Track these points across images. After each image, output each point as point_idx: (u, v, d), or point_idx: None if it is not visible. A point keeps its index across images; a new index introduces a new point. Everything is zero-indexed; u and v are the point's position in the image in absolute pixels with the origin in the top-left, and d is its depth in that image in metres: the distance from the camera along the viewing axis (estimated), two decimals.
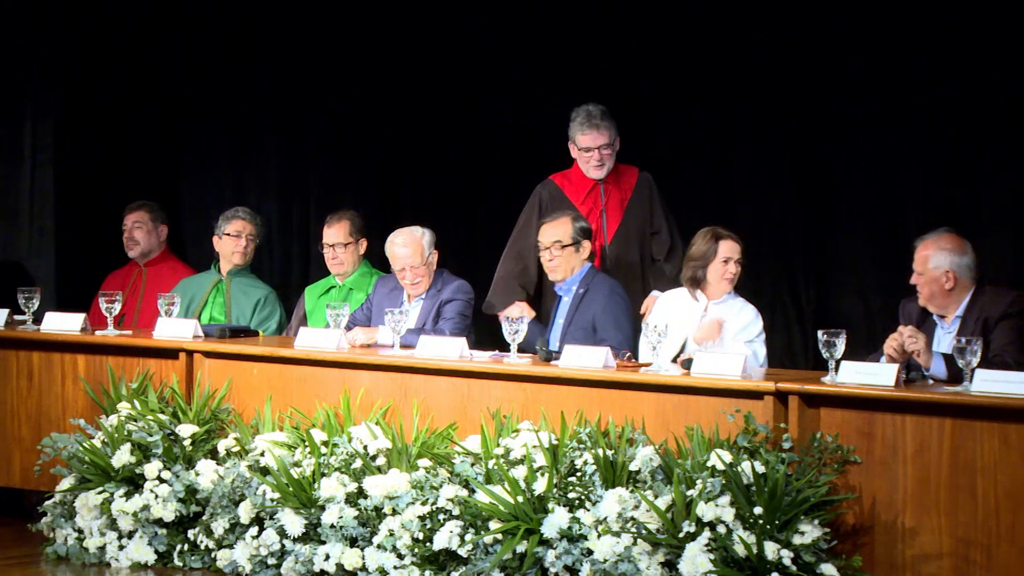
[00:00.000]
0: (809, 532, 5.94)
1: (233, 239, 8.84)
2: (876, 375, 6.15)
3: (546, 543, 6.32)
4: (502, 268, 8.24)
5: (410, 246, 8.02)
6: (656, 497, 6.18)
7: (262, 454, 7.18)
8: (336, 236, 8.53)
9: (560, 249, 7.79)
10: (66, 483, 7.54)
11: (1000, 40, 7.75)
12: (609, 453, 6.38)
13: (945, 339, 6.73)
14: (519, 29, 9.21)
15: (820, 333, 6.34)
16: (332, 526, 6.81)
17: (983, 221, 7.91)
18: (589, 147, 8.08)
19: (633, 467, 6.33)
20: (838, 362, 6.27)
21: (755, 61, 8.53)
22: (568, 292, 7.84)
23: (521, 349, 7.07)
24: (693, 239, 7.52)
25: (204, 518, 7.22)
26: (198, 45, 10.14)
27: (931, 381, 6.46)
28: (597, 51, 8.98)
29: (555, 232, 7.80)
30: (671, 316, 7.35)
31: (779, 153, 8.59)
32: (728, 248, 7.44)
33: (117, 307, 8.01)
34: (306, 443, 7.11)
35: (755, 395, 6.28)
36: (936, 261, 6.79)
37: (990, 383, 5.90)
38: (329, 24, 9.75)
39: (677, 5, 8.68)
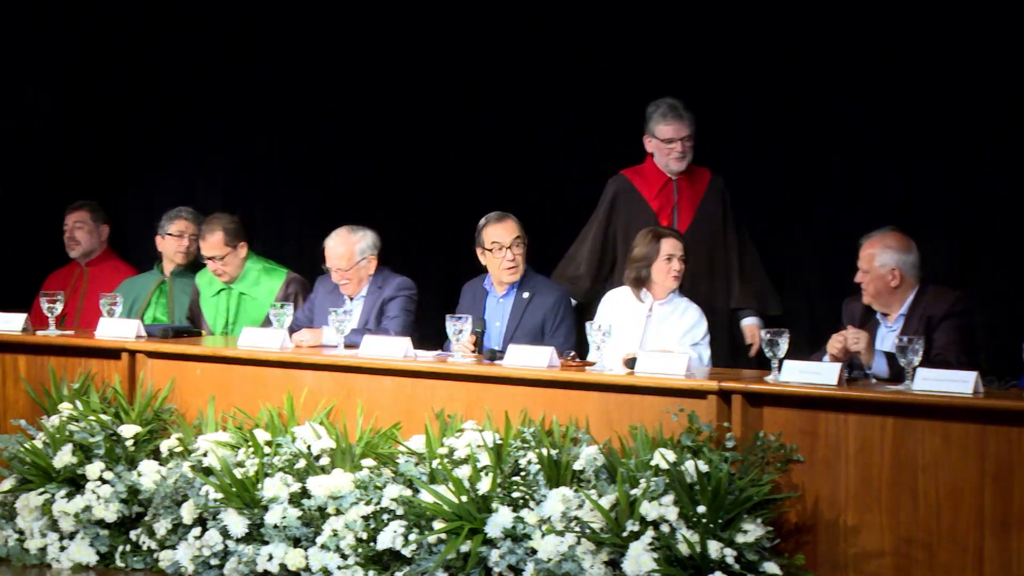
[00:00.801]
0: (752, 531, 5.96)
1: (175, 239, 8.80)
2: (819, 374, 6.18)
3: (490, 543, 6.31)
4: (575, 266, 8.17)
5: (341, 248, 7.98)
6: (600, 496, 6.18)
7: (205, 454, 7.15)
8: (212, 249, 8.44)
9: (521, 246, 7.79)
10: (7, 484, 7.48)
11: (1000, 40, 7.77)
12: (553, 452, 6.38)
13: (888, 337, 6.77)
14: (519, 29, 9.19)
15: (763, 332, 6.36)
16: (275, 526, 6.78)
17: (983, 220, 7.93)
18: (672, 138, 7.92)
19: (577, 466, 6.33)
20: (781, 361, 6.29)
21: (755, 61, 8.53)
22: (510, 294, 7.84)
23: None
24: (635, 240, 7.52)
25: (146, 519, 7.17)
26: (198, 45, 10.10)
27: (874, 380, 6.50)
28: (597, 51, 8.96)
29: (511, 230, 7.78)
30: (616, 316, 7.35)
31: (779, 153, 8.58)
32: (670, 246, 7.45)
33: (59, 307, 7.94)
34: (249, 443, 7.08)
35: (699, 394, 6.30)
36: (882, 259, 6.82)
37: (931, 382, 5.94)
38: (329, 24, 9.72)
39: (677, 5, 8.67)
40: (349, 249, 7.98)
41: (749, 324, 7.92)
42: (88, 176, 10.19)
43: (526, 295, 7.80)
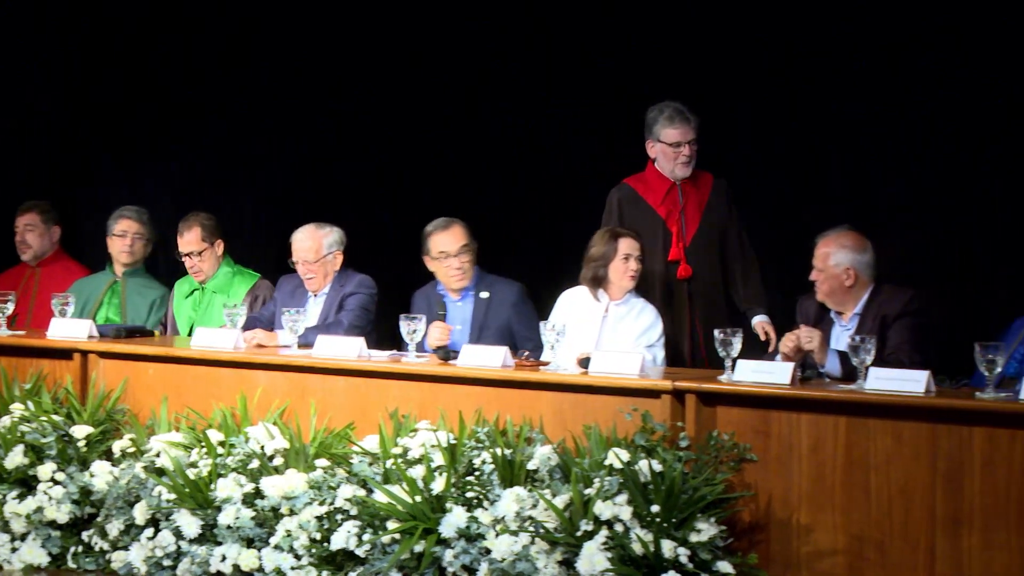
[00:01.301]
0: (706, 530, 5.96)
1: (119, 239, 8.78)
2: (772, 373, 6.20)
3: (444, 543, 6.30)
4: None
5: (308, 241, 8.03)
6: (554, 496, 6.18)
7: (158, 455, 7.12)
8: (190, 244, 8.49)
9: (468, 254, 7.79)
10: None
11: (1000, 40, 7.78)
12: (507, 452, 6.38)
13: (843, 336, 6.80)
14: (519, 29, 9.19)
15: (716, 332, 6.37)
16: (229, 527, 6.75)
17: (982, 220, 7.93)
18: (679, 142, 7.80)
19: (531, 466, 6.33)
20: (734, 361, 6.31)
21: (755, 61, 8.52)
22: (465, 298, 7.84)
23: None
24: (592, 240, 7.53)
25: (99, 520, 7.13)
26: (198, 45, 10.09)
27: (827, 379, 6.52)
28: (597, 51, 8.96)
29: (458, 238, 7.79)
30: (572, 316, 7.35)
31: (779, 153, 8.58)
32: (627, 245, 7.46)
33: (10, 307, 7.90)
34: (202, 444, 7.05)
35: (652, 394, 6.30)
36: (837, 258, 6.86)
37: (883, 381, 5.96)
38: (329, 24, 9.72)
39: (677, 5, 8.67)
40: (317, 243, 8.02)
41: (759, 321, 7.81)
42: (88, 176, 10.23)
43: (484, 295, 7.82)
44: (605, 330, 7.45)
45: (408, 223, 8.55)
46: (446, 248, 7.80)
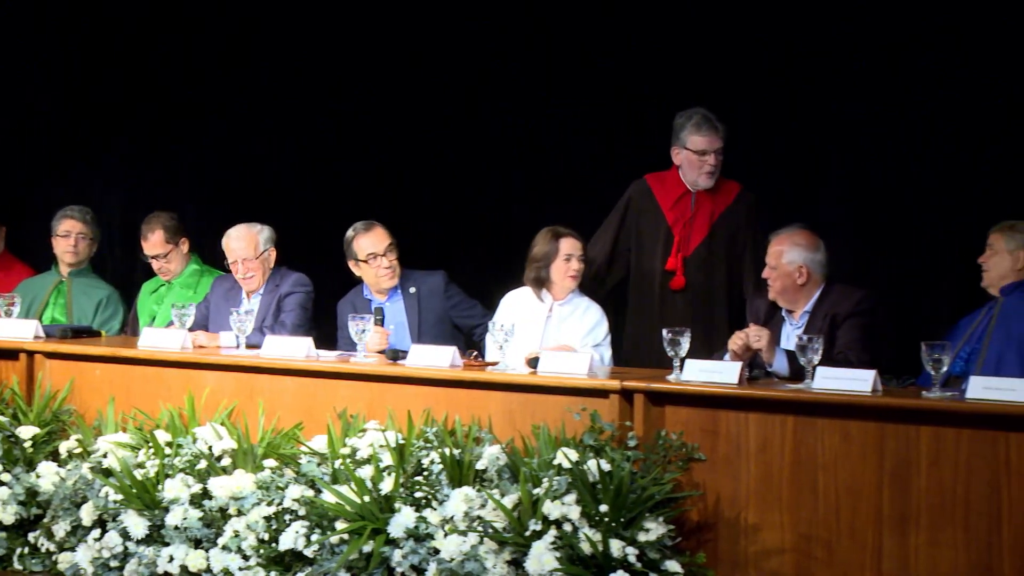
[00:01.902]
0: (654, 529, 5.97)
1: (63, 239, 8.74)
2: (720, 373, 6.21)
3: (392, 543, 6.29)
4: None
5: (244, 239, 8.02)
6: (503, 496, 6.17)
7: (105, 455, 7.08)
8: (154, 248, 8.49)
9: (394, 251, 7.79)
10: None
11: (1000, 40, 7.77)
12: (456, 452, 6.37)
13: (793, 335, 6.80)
14: (519, 29, 9.16)
15: (664, 331, 6.37)
16: (176, 528, 6.72)
17: (982, 220, 7.89)
18: (706, 150, 7.64)
19: (480, 466, 6.32)
20: (683, 360, 6.32)
21: (755, 61, 8.49)
22: (393, 297, 7.84)
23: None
24: (535, 240, 7.52)
25: (45, 521, 7.09)
26: (198, 45, 10.04)
27: (775, 379, 6.54)
28: (597, 51, 8.92)
29: (383, 237, 7.79)
30: (516, 317, 7.35)
31: (779, 153, 8.55)
32: (569, 245, 7.46)
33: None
34: (150, 444, 7.02)
35: (601, 393, 6.30)
36: (790, 256, 6.87)
37: (831, 380, 5.98)
38: (329, 24, 9.68)
39: (677, 5, 8.64)
40: (253, 240, 8.02)
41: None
42: (88, 176, 10.16)
43: (413, 290, 7.82)
44: (549, 330, 7.44)
45: (408, 223, 8.60)
46: (374, 249, 7.79)
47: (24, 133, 10.35)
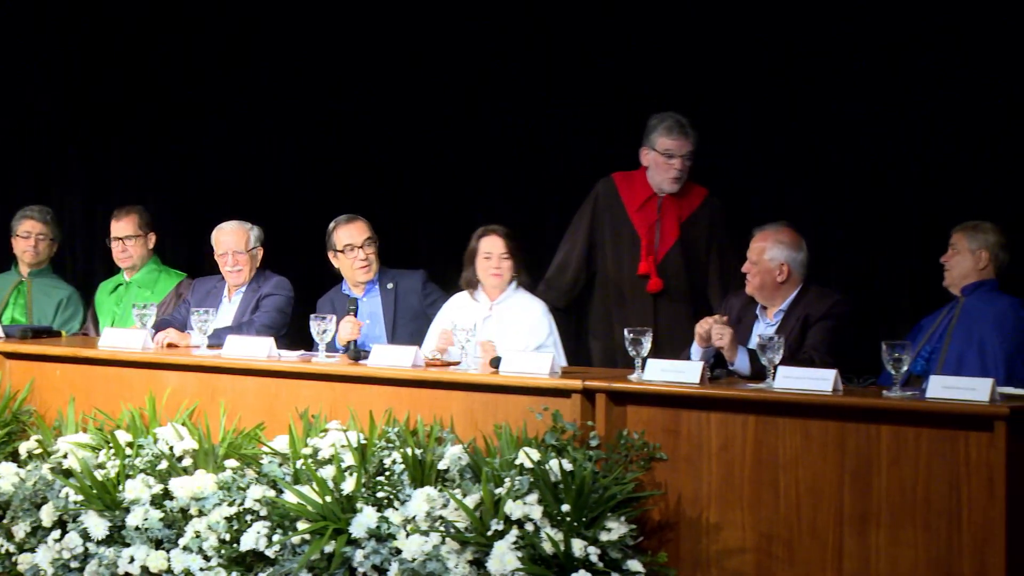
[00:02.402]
0: (616, 529, 5.97)
1: (22, 240, 8.71)
2: (682, 372, 6.21)
3: (354, 543, 6.28)
4: (559, 267, 7.97)
5: (235, 233, 8.06)
6: (464, 496, 6.17)
7: (65, 456, 7.06)
8: (125, 229, 8.49)
9: (373, 245, 7.78)
10: None
11: (1000, 40, 7.76)
12: (418, 452, 6.36)
13: (767, 333, 6.79)
14: (519, 29, 9.14)
15: (626, 331, 6.38)
16: (137, 528, 6.70)
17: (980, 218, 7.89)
18: (673, 153, 7.63)
19: (442, 466, 6.31)
20: (644, 360, 6.32)
21: (755, 61, 8.47)
22: (370, 292, 7.83)
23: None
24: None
25: (5, 521, 7.05)
26: (198, 45, 10.02)
27: (736, 377, 6.55)
28: (597, 51, 8.90)
29: (362, 230, 7.79)
30: (457, 319, 7.34)
31: (779, 153, 8.53)
32: (488, 244, 7.46)
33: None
34: (110, 445, 7.00)
35: (563, 393, 6.30)
36: (772, 253, 6.88)
37: (792, 380, 5.98)
38: (329, 24, 9.66)
39: (677, 5, 8.62)
40: (245, 234, 8.07)
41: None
42: (88, 176, 10.17)
43: (390, 286, 7.83)
44: (489, 331, 7.39)
45: (408, 223, 8.59)
46: (351, 240, 7.80)
47: (24, 133, 10.32)
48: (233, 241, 8.05)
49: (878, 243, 8.37)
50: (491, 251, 7.45)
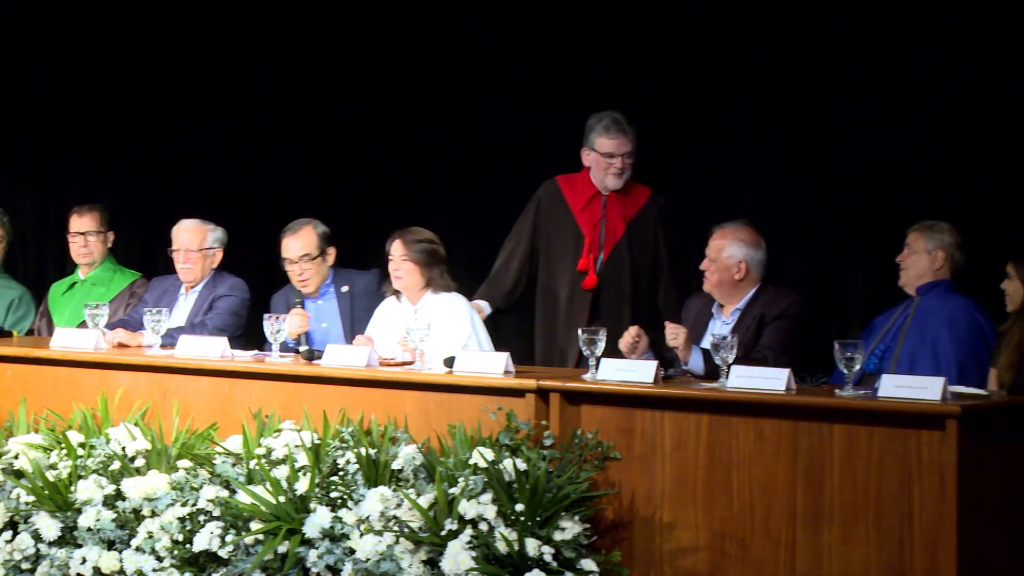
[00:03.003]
0: (570, 528, 5.97)
1: None
2: (635, 372, 6.21)
3: (308, 543, 6.26)
4: (503, 271, 7.95)
5: (192, 232, 8.05)
6: (419, 495, 6.16)
7: (16, 457, 7.01)
8: (87, 225, 8.49)
9: (309, 262, 7.77)
10: None
11: (1000, 40, 7.76)
12: (372, 452, 6.35)
13: (724, 331, 6.82)
14: (519, 29, 9.13)
15: (580, 331, 6.38)
16: (89, 529, 6.67)
17: (983, 220, 7.87)
18: (613, 153, 7.65)
19: (396, 466, 6.30)
20: (598, 359, 6.32)
21: (755, 61, 8.46)
22: (325, 295, 7.82)
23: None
24: None
25: None
26: (198, 45, 9.99)
27: (690, 377, 6.56)
28: (597, 51, 8.88)
29: (301, 245, 7.77)
30: (386, 323, 7.32)
31: (779, 153, 8.52)
32: (392, 248, 7.46)
33: None
34: (62, 445, 6.96)
35: (517, 393, 6.29)
36: (731, 251, 6.90)
37: (745, 379, 5.99)
38: (329, 24, 9.64)
39: (677, 5, 8.62)
40: (202, 234, 8.06)
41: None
42: (89, 176, 10.14)
43: (345, 289, 7.82)
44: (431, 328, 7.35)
45: (408, 223, 8.51)
46: (287, 255, 7.82)
47: (24, 133, 10.31)
48: (188, 239, 8.04)
49: (833, 242, 8.40)
50: (393, 255, 7.46)
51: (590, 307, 7.70)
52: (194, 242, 8.04)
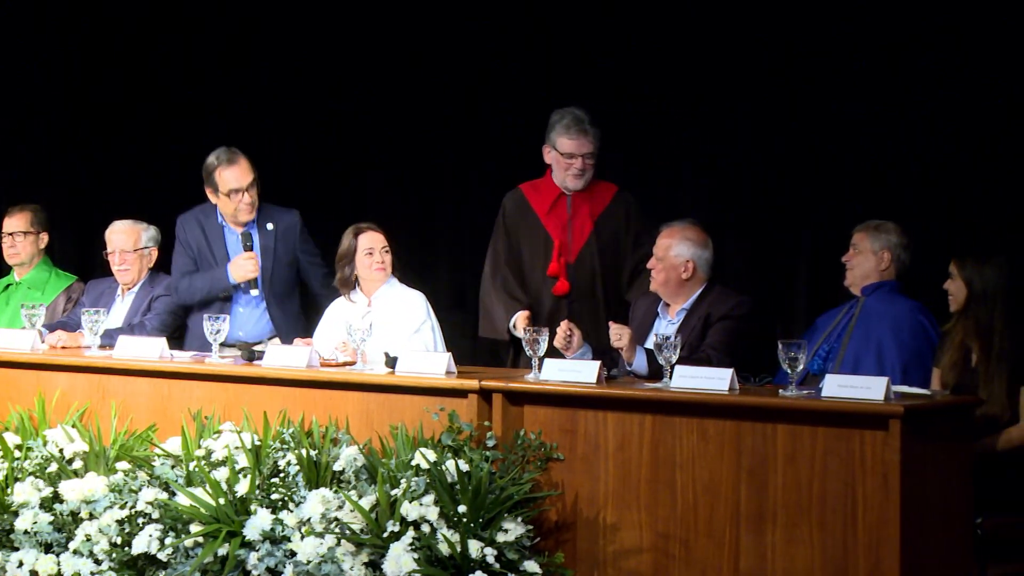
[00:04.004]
0: (513, 530, 5.96)
1: None
2: (579, 372, 6.20)
3: (248, 545, 6.22)
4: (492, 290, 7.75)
5: (125, 233, 8.02)
6: (360, 497, 6.13)
7: None
8: (17, 225, 8.45)
9: (256, 186, 7.78)
10: None
11: (1000, 40, 7.75)
12: (313, 453, 6.32)
13: (670, 330, 6.83)
14: (519, 29, 9.10)
15: (524, 331, 6.35)
16: (26, 532, 6.60)
17: (982, 221, 7.86)
18: (573, 153, 7.54)
19: (337, 467, 6.27)
20: (541, 359, 6.30)
21: (755, 61, 8.43)
22: (251, 229, 7.84)
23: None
24: (341, 240, 7.49)
25: None
26: (198, 45, 9.94)
27: (634, 377, 6.55)
28: (597, 51, 8.84)
29: (247, 173, 7.75)
30: (338, 323, 7.28)
31: (779, 153, 8.48)
32: (368, 240, 7.41)
33: None
34: None
35: (459, 393, 6.27)
36: (678, 250, 6.88)
37: (688, 379, 5.98)
38: (329, 24, 9.60)
39: (677, 5, 8.58)
40: (135, 235, 8.02)
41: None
42: (90, 177, 10.10)
43: (270, 227, 7.79)
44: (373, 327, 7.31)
45: (408, 223, 8.65)
46: (237, 185, 7.73)
47: (24, 133, 10.26)
48: (121, 241, 8.01)
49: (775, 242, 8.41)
50: (373, 246, 7.40)
51: (568, 310, 7.59)
52: (128, 243, 8.00)
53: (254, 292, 7.67)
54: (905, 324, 6.85)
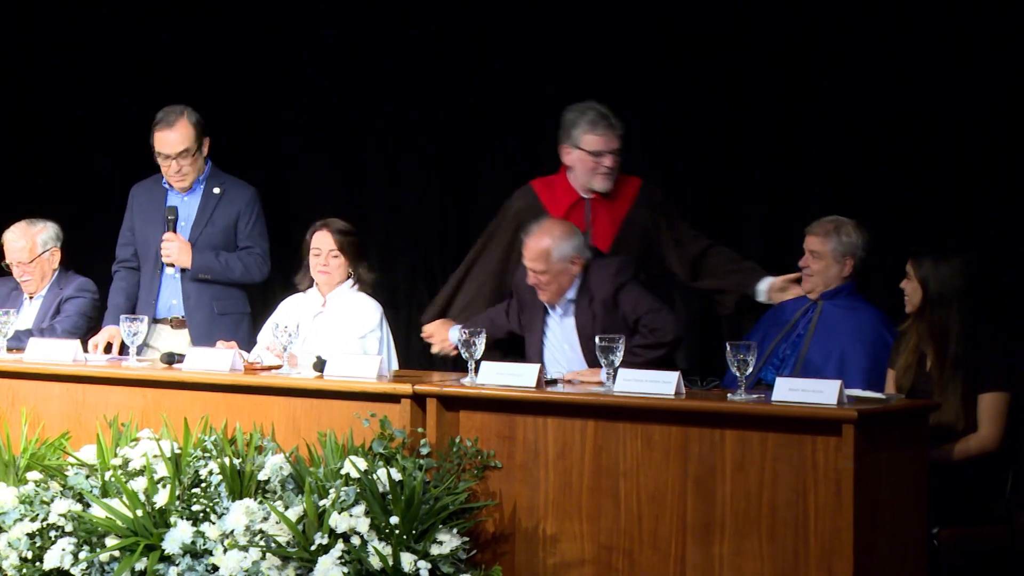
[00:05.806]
0: (448, 542, 5.84)
1: None
2: (517, 376, 6.07)
3: (168, 559, 6.07)
4: (471, 289, 7.42)
5: (21, 241, 7.83)
6: (286, 508, 5.99)
7: None
8: None
9: (188, 157, 7.58)
10: None
11: (1000, 40, 7.73)
12: (236, 462, 6.17)
13: (564, 325, 6.76)
14: (519, 29, 9.03)
15: (459, 331, 6.25)
16: None
17: (982, 221, 7.84)
18: (601, 151, 7.04)
19: (262, 476, 6.12)
20: (478, 363, 6.17)
21: (755, 61, 8.38)
22: (197, 190, 7.68)
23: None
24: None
25: None
26: (199, 45, 9.84)
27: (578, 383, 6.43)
28: (598, 51, 8.77)
29: (180, 139, 7.54)
30: (291, 317, 7.10)
31: (779, 153, 8.41)
32: (317, 240, 7.25)
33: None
34: None
35: (391, 398, 6.13)
36: (560, 251, 6.77)
37: (633, 383, 5.85)
38: (329, 24, 9.55)
39: (677, 5, 8.54)
40: (30, 241, 7.81)
41: (772, 283, 7.05)
42: (89, 177, 9.96)
43: (217, 190, 7.57)
44: (319, 329, 7.20)
45: (408, 223, 8.59)
46: (165, 150, 7.52)
47: (24, 133, 10.20)
48: (17, 250, 7.84)
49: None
50: (320, 247, 7.24)
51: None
52: (24, 253, 7.82)
53: (170, 271, 7.46)
54: (868, 336, 6.69)
